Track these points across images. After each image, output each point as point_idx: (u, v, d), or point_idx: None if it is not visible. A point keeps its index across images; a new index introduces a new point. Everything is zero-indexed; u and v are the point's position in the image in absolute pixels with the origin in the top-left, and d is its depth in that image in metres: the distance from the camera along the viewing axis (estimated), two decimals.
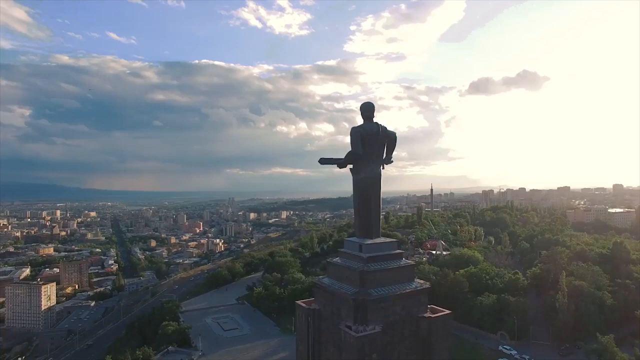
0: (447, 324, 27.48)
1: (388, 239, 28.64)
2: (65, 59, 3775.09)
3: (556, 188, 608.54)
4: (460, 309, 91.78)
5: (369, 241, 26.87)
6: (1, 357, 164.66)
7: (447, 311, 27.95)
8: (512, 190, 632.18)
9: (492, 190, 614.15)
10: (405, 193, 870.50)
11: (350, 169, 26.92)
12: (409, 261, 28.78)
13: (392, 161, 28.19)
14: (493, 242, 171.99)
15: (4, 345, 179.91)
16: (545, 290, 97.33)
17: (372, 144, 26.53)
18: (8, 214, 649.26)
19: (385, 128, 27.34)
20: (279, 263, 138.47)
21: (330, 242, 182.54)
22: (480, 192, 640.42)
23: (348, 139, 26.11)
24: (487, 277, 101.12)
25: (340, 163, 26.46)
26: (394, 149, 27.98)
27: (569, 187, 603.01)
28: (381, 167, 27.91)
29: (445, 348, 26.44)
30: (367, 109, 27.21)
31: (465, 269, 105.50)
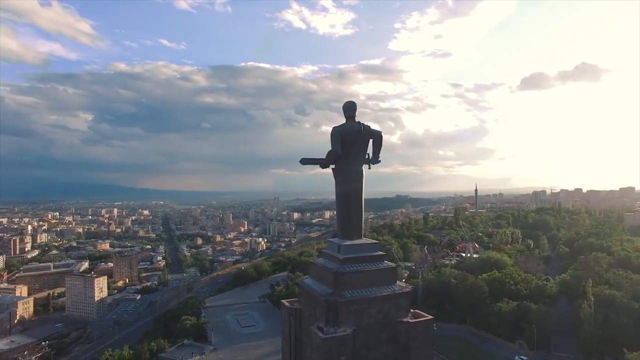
0: (428, 330, 27.00)
1: (369, 241, 27.97)
2: (122, 66, 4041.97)
3: (618, 189, 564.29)
4: (477, 315, 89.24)
5: (348, 242, 26.38)
6: (61, 341, 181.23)
7: (429, 316, 28.15)
8: (566, 191, 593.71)
9: (544, 191, 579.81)
10: (452, 193, 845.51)
11: (332, 169, 26.68)
12: (390, 264, 27.81)
13: (379, 161, 27.54)
14: (532, 245, 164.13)
15: (64, 331, 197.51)
16: (576, 298, 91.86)
17: (352, 143, 26.15)
18: (73, 211, 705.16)
19: (369, 127, 26.87)
20: (305, 262, 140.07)
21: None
22: (531, 192, 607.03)
23: (393, 139, 26.06)
24: (511, 282, 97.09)
25: (321, 163, 26.31)
26: (380, 148, 27.47)
27: (633, 188, 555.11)
28: (368, 167, 27.41)
29: (426, 354, 25.86)
30: (349, 109, 26.99)
31: (489, 273, 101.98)
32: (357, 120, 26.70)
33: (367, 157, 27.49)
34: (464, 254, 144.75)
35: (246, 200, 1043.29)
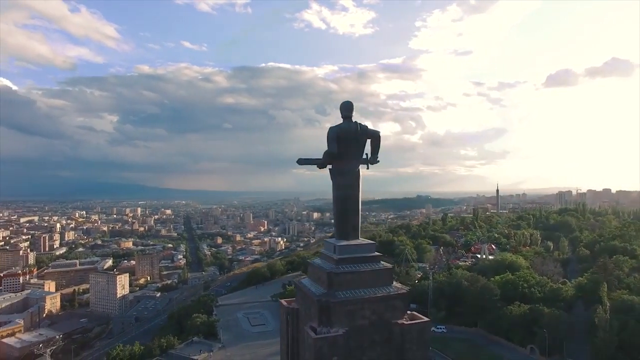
0: (423, 332, 26.41)
1: (365, 241, 28.13)
2: (146, 68, 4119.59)
3: None
4: (488, 318, 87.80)
5: (343, 242, 26.66)
6: (85, 335, 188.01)
7: (425, 318, 27.91)
8: (593, 191, 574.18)
9: (569, 191, 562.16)
10: (474, 194, 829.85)
11: (329, 169, 26.95)
12: (387, 265, 27.65)
13: (378, 161, 27.69)
14: (551, 247, 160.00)
15: (88, 326, 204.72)
16: (592, 303, 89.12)
17: (349, 143, 26.26)
18: (99, 210, 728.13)
19: (366, 127, 26.95)
20: None
21: (377, 243, 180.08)
22: (556, 193, 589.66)
23: (414, 138, 26.01)
24: (525, 285, 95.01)
25: (318, 163, 26.54)
26: (378, 148, 27.49)
27: None
28: (366, 167, 27.56)
29: (421, 357, 25.59)
30: (345, 108, 27.01)
31: (502, 276, 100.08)
32: (354, 121, 26.79)
33: (365, 157, 27.81)
34: (479, 256, 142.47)
35: (267, 200, 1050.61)
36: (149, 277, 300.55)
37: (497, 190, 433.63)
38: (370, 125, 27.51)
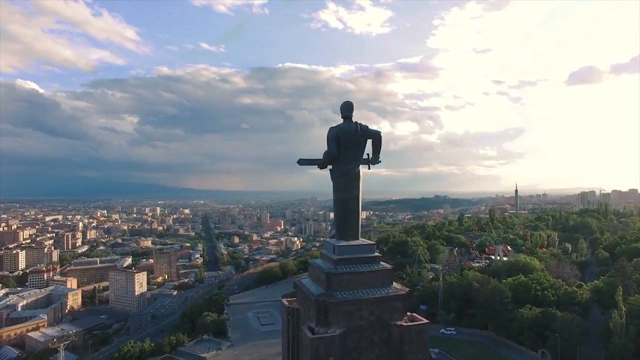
0: (423, 334, 26.92)
1: (365, 242, 27.92)
2: (165, 70, 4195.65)
3: None
4: (499, 321, 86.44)
5: (342, 243, 26.64)
6: (105, 332, 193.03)
7: (425, 320, 28.09)
8: (619, 192, 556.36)
9: (593, 192, 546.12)
10: (494, 194, 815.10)
11: (330, 170, 27.00)
12: (386, 265, 27.47)
13: (379, 161, 27.67)
14: (569, 249, 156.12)
15: (107, 322, 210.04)
16: (609, 307, 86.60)
17: (349, 144, 26.27)
18: (120, 209, 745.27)
19: (366, 127, 26.90)
20: None
21: (391, 244, 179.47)
22: (578, 193, 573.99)
23: (432, 138, 25.68)
24: (538, 287, 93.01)
25: (319, 164, 26.73)
26: (380, 148, 27.45)
27: None
28: (367, 168, 27.57)
29: (421, 359, 26.41)
30: (345, 109, 27.01)
31: (514, 278, 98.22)
32: (354, 121, 26.77)
33: (367, 157, 27.84)
34: (493, 257, 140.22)
35: (284, 200, 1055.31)
36: (166, 276, 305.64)
37: (516, 191, 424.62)
38: (388, 125, 27.64)
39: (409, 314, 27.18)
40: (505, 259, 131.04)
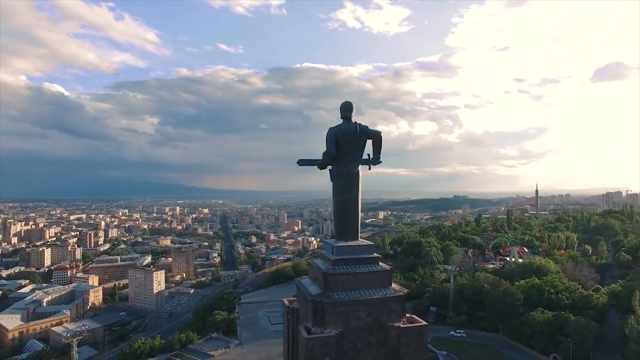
0: (421, 336, 26.34)
1: (364, 242, 28.27)
2: (184, 71, 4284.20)
3: None
4: (510, 324, 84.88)
5: (341, 243, 27.09)
6: (124, 328, 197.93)
7: (423, 322, 27.04)
8: None
9: (619, 192, 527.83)
10: (515, 194, 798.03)
11: (329, 170, 27.32)
12: (385, 266, 27.94)
13: (380, 162, 27.87)
14: (589, 251, 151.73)
15: (127, 319, 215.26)
16: (627, 312, 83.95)
17: (348, 144, 26.34)
18: (140, 209, 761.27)
19: (366, 128, 26.91)
20: None
21: (405, 244, 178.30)
22: (604, 194, 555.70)
23: (451, 137, 25.92)
24: (552, 290, 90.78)
25: (318, 164, 27.05)
26: (380, 149, 27.52)
27: None
28: (368, 168, 27.99)
29: None
30: (345, 109, 27.03)
31: (527, 280, 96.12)
32: (353, 121, 27.01)
33: (367, 157, 28.03)
34: (508, 259, 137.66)
35: (302, 200, 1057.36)
36: (184, 274, 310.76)
37: (537, 191, 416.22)
38: (406, 125, 27.70)
39: (408, 315, 27.23)
40: (520, 260, 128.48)
